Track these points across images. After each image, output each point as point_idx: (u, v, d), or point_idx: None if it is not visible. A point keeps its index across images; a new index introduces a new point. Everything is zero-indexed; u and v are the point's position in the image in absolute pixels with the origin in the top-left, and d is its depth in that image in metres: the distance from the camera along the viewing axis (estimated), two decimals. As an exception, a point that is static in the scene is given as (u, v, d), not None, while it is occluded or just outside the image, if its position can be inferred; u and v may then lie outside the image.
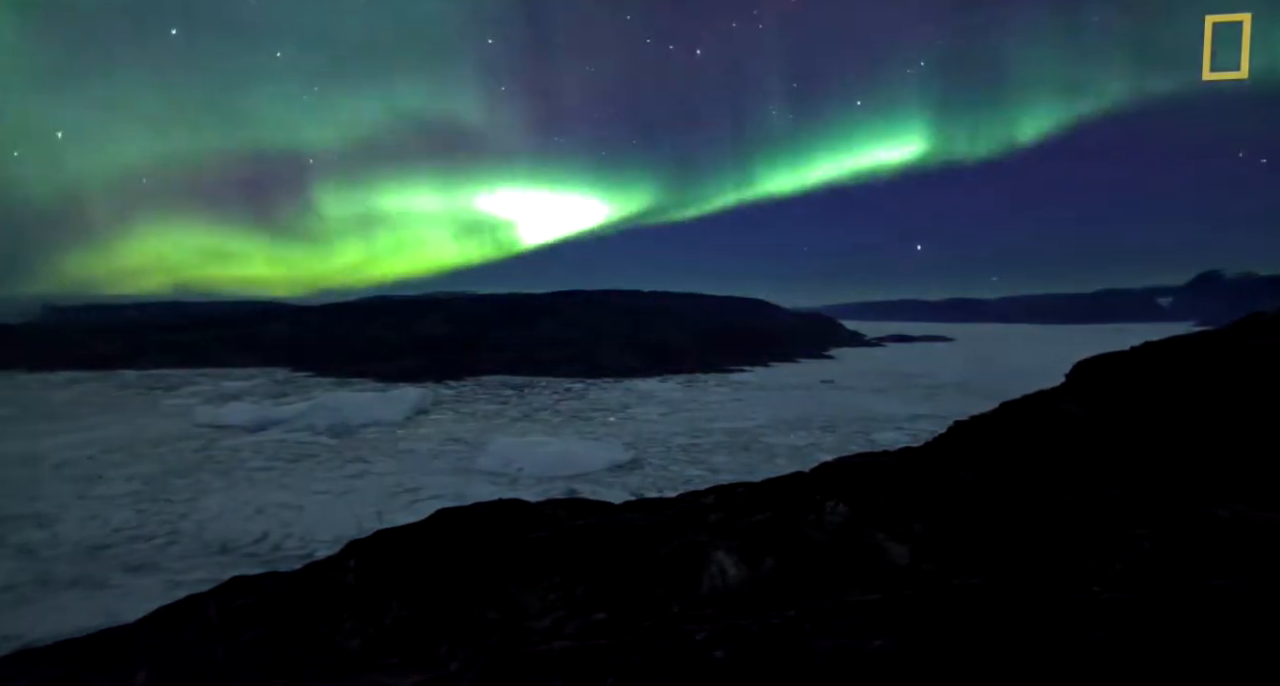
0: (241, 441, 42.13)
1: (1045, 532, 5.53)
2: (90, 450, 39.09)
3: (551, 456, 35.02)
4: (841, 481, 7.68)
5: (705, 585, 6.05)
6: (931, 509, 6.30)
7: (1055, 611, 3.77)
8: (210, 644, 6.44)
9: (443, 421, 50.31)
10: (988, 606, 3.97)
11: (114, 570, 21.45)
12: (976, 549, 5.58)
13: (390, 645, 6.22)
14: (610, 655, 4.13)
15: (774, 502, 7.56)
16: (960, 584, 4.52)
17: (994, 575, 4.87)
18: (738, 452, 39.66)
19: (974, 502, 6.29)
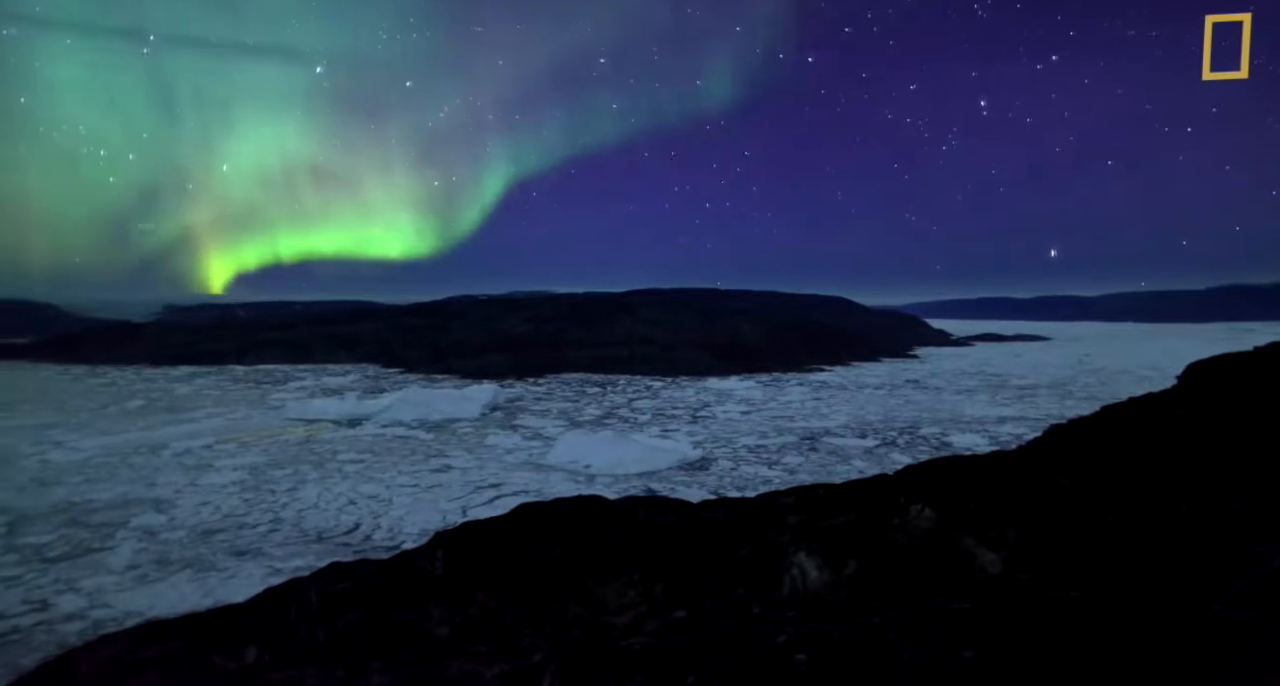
0: (334, 435, 44.29)
1: (1155, 545, 5.18)
2: (205, 440, 42.00)
3: (621, 454, 35.22)
4: (927, 485, 7.42)
5: (786, 587, 5.97)
6: (1026, 516, 6.00)
7: (1168, 630, 3.53)
8: (312, 625, 6.81)
9: (522, 418, 51.43)
10: (1090, 621, 3.75)
11: (222, 554, 22.92)
12: (1077, 560, 5.28)
13: (477, 633, 6.41)
14: (690, 653, 4.13)
15: (856, 505, 7.38)
16: (1060, 596, 4.28)
17: (1097, 588, 4.59)
18: (815, 453, 38.86)
19: (1074, 510, 5.96)
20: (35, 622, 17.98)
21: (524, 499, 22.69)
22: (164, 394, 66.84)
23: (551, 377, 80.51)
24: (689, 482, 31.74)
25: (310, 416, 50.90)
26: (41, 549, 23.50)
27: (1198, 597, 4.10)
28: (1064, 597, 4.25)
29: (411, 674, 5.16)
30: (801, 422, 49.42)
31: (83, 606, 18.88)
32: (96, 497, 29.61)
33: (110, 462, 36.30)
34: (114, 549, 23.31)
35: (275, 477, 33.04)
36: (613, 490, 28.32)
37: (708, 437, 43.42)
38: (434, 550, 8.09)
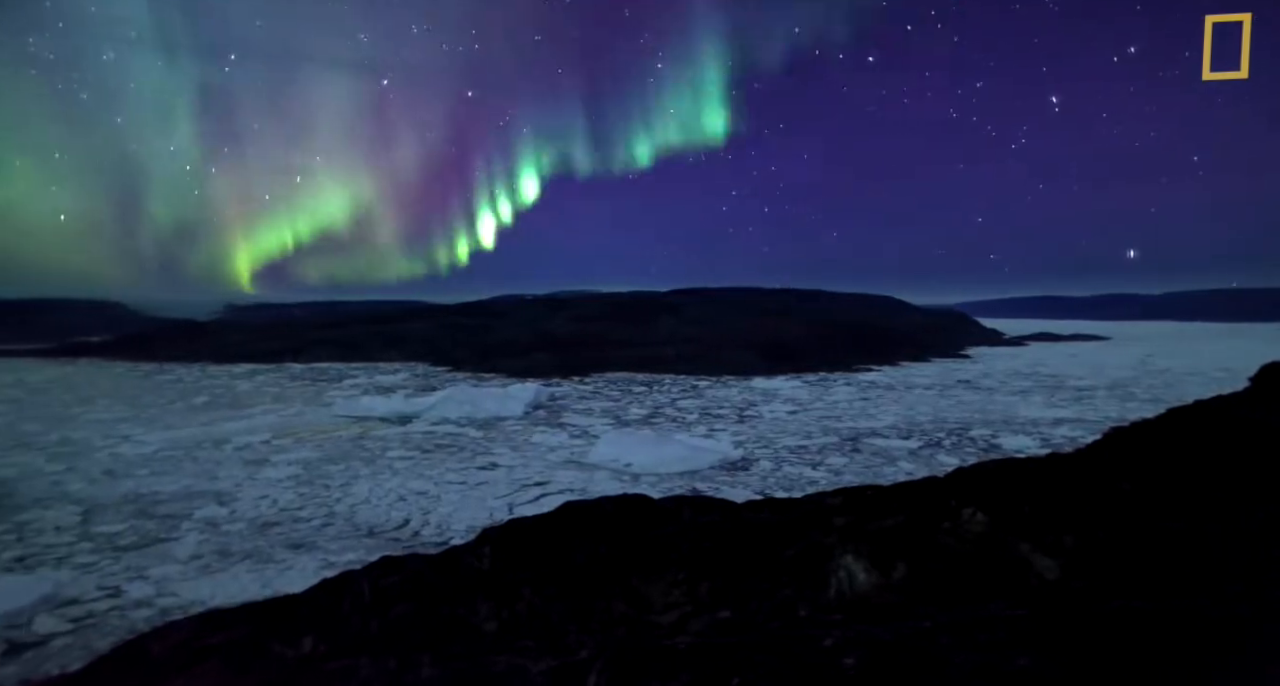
0: (385, 432, 45.34)
1: (1226, 555, 4.96)
2: (263, 435, 43.52)
3: (662, 453, 35.17)
4: (979, 488, 7.24)
5: (833, 589, 5.89)
6: (1085, 521, 5.80)
7: (1239, 644, 3.37)
8: (364, 617, 7.00)
9: (566, 417, 51.83)
10: (1154, 632, 3.61)
11: (279, 546, 23.69)
12: (1139, 568, 5.08)
13: (523, 629, 6.50)
14: (736, 654, 4.11)
15: (905, 507, 7.24)
16: (1122, 605, 4.13)
17: (1161, 598, 4.42)
18: (859, 454, 38.21)
19: (1136, 517, 5.74)
20: (109, 608, 18.88)
21: (569, 497, 22.91)
22: (226, 390, 69.42)
23: (596, 377, 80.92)
24: (732, 483, 31.56)
25: (359, 413, 52.25)
26: (113, 538, 24.66)
27: (1273, 609, 3.91)
28: (1126, 607, 4.10)
29: (460, 668, 5.26)
30: (849, 423, 48.64)
31: (150, 594, 19.75)
32: (163, 490, 30.93)
33: (175, 456, 37.87)
34: (179, 539, 24.31)
35: (329, 473, 34.01)
36: (657, 490, 28.36)
37: (750, 437, 43.09)
38: (481, 546, 8.23)
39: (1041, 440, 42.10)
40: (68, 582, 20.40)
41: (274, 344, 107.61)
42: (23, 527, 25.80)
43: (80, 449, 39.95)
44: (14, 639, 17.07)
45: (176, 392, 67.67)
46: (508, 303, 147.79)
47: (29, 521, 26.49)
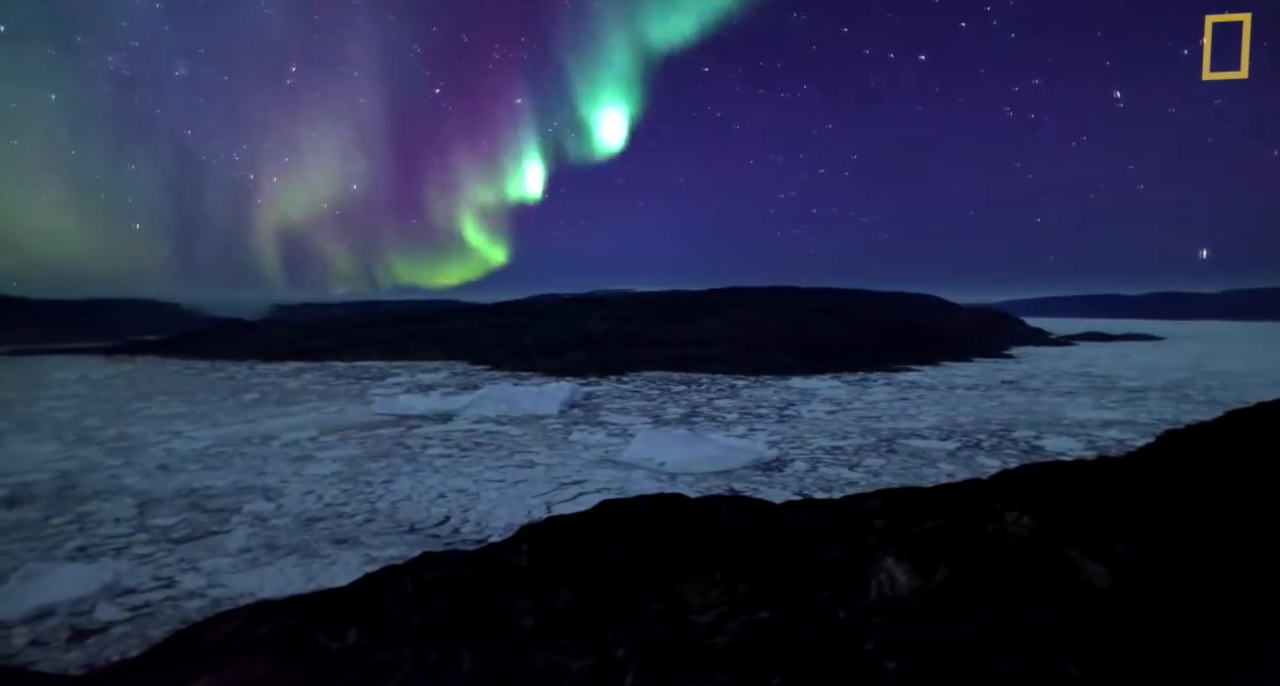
0: (425, 430, 46.08)
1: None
2: (309, 432, 44.65)
3: (696, 452, 35.02)
4: (1024, 491, 7.07)
5: (873, 592, 5.81)
6: (1138, 527, 5.63)
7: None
8: (406, 611, 7.14)
9: (602, 415, 52.02)
10: (1211, 643, 3.49)
11: (324, 541, 24.25)
12: (1195, 576, 4.91)
13: (561, 626, 6.56)
14: (774, 655, 4.10)
15: (946, 510, 7.11)
16: (1177, 615, 4.00)
17: (1218, 608, 4.26)
18: (898, 455, 37.55)
19: (1192, 523, 5.54)
20: (163, 598, 19.58)
21: (606, 496, 22.99)
22: (275, 388, 71.35)
23: (633, 376, 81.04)
24: (769, 483, 31.33)
25: (398, 411, 53.22)
26: (168, 530, 25.55)
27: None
28: (1182, 616, 3.97)
29: (499, 664, 5.34)
30: (889, 423, 47.85)
31: (203, 585, 20.42)
32: (214, 484, 31.94)
33: (225, 452, 39.06)
34: (229, 533, 25.07)
35: (371, 470, 34.70)
36: (694, 489, 28.30)
37: (786, 437, 42.70)
38: (520, 543, 8.32)
39: (1087, 442, 40.86)
40: (126, 572, 21.20)
41: (318, 342, 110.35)
42: (84, 518, 26.90)
43: (136, 444, 41.48)
44: (78, 625, 17.81)
45: (228, 390, 69.80)
46: (544, 302, 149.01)
47: (90, 513, 27.62)
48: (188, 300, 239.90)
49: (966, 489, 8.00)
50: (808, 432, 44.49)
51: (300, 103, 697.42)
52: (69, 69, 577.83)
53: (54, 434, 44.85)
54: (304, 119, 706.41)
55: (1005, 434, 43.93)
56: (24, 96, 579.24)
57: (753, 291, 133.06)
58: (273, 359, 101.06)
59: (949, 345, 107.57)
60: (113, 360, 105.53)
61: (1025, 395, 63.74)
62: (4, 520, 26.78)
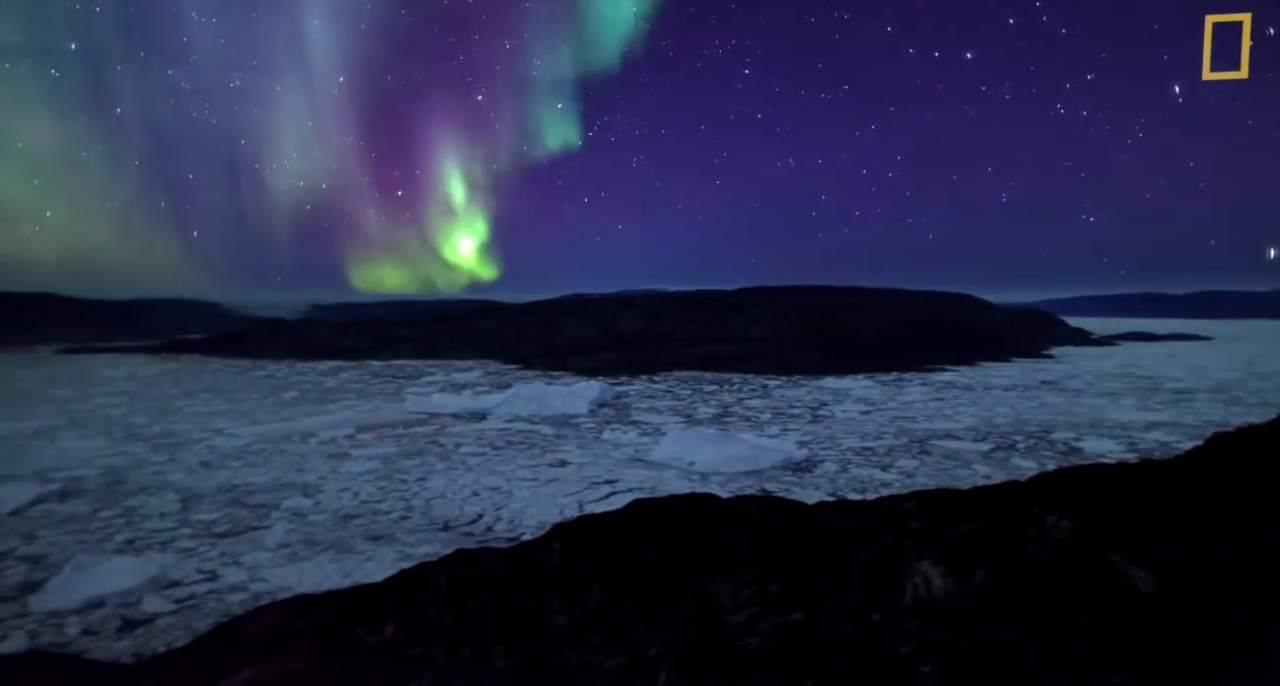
0: (459, 429, 46.62)
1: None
2: (345, 430, 45.51)
3: (725, 452, 34.84)
4: (1064, 493, 6.91)
5: (908, 594, 5.73)
6: (1186, 532, 5.46)
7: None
8: (441, 607, 7.24)
9: (633, 415, 52.07)
10: (1262, 653, 3.37)
11: (359, 538, 24.68)
12: (1245, 582, 4.75)
13: (593, 625, 6.58)
14: (808, 656, 4.06)
15: (984, 513, 6.98)
16: (1228, 623, 3.87)
17: (1271, 617, 4.11)
18: (931, 456, 36.93)
19: (1243, 528, 5.36)
20: (207, 591, 20.12)
21: (638, 495, 23.01)
22: (314, 386, 72.84)
23: (664, 375, 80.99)
24: (801, 484, 31.07)
25: (430, 410, 53.94)
26: (210, 525, 26.24)
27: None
28: (1233, 624, 3.84)
29: (532, 661, 5.38)
30: (924, 424, 47.09)
31: (244, 579, 20.93)
32: (254, 481, 32.71)
33: (265, 449, 39.98)
34: (269, 528, 25.65)
35: (406, 468, 35.22)
36: (726, 490, 28.20)
37: (818, 437, 42.29)
38: (552, 541, 8.37)
39: (1128, 444, 39.76)
40: (171, 565, 21.83)
41: (355, 342, 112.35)
42: (131, 513, 27.76)
43: (181, 441, 42.68)
44: (127, 616, 18.40)
45: (268, 388, 71.42)
46: (575, 302, 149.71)
47: (136, 507, 28.49)
48: (229, 300, 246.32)
49: (1004, 491, 7.84)
50: (840, 433, 44.02)
51: (349, 111, 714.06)
52: (134, 84, 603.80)
53: (103, 430, 46.36)
54: (353, 127, 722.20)
55: (1044, 435, 42.95)
56: (92, 111, 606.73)
57: (784, 291, 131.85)
58: (310, 357, 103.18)
59: (987, 345, 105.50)
60: (159, 358, 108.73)
61: (1065, 396, 62.23)
62: (56, 513, 27.77)
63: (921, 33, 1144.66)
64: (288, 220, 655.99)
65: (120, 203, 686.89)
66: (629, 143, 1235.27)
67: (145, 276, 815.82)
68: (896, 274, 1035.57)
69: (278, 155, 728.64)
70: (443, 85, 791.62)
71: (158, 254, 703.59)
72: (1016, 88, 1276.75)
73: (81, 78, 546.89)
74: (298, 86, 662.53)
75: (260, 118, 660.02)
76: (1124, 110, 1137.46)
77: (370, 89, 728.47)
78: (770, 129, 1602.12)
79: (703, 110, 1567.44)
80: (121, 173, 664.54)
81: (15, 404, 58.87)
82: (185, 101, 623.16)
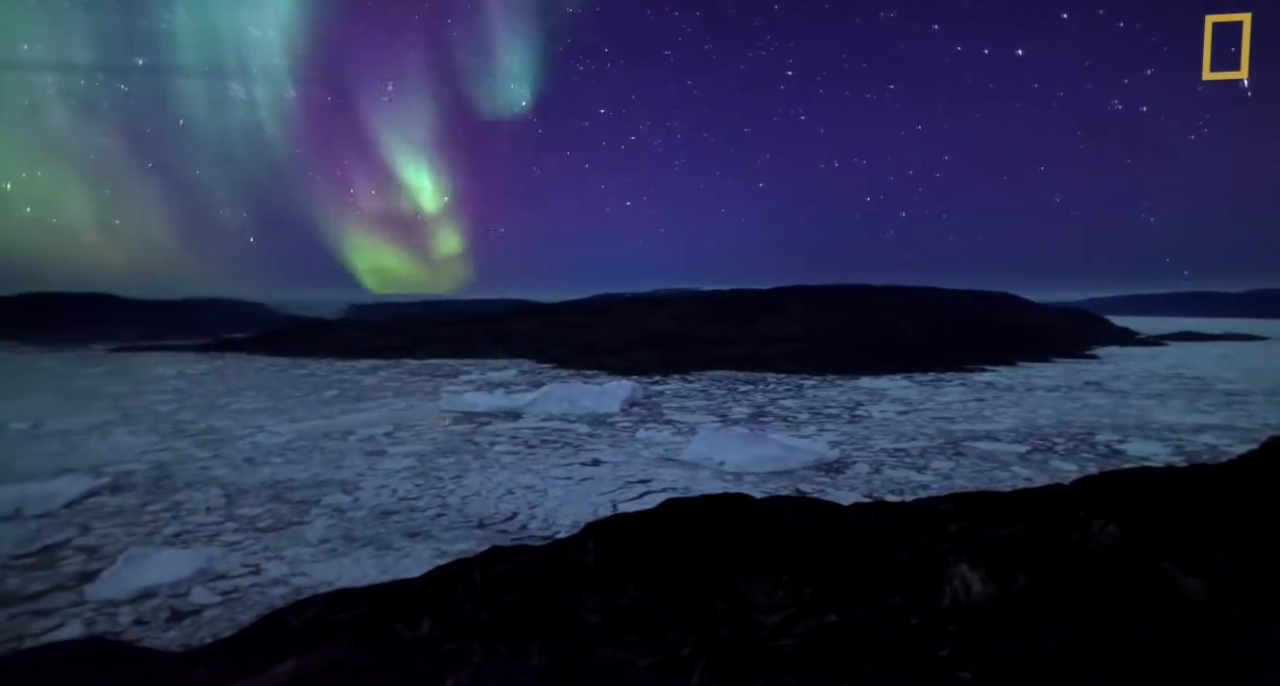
0: (493, 427, 47.10)
1: None
2: (383, 428, 46.32)
3: (756, 452, 34.57)
4: (1109, 497, 6.73)
5: (946, 598, 5.64)
6: (1238, 538, 5.27)
7: None
8: (476, 603, 7.33)
9: (664, 414, 52.02)
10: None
11: (397, 534, 25.09)
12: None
13: (626, 623, 6.61)
14: (844, 659, 4.03)
15: (1025, 516, 6.83)
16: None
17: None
18: (967, 458, 36.19)
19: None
20: (250, 584, 20.66)
21: (671, 495, 23.00)
22: (353, 385, 74.28)
23: (698, 375, 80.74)
24: (835, 484, 30.72)
25: (462, 408, 54.58)
26: (254, 520, 26.94)
27: None
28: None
29: (567, 658, 5.42)
30: (964, 425, 46.19)
31: (285, 573, 21.45)
32: (295, 477, 33.49)
33: (305, 446, 40.88)
34: (309, 524, 26.24)
35: (441, 465, 35.70)
36: (759, 490, 28.03)
37: (853, 438, 41.77)
38: (586, 540, 8.41)
39: (1175, 447, 38.47)
40: (217, 558, 22.48)
41: (392, 341, 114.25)
42: (179, 507, 28.64)
43: (225, 437, 43.88)
44: (176, 607, 19.00)
45: (309, 386, 73.01)
46: (608, 301, 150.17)
47: (183, 501, 29.38)
48: (271, 300, 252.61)
49: (1046, 494, 7.67)
50: (877, 433, 43.42)
51: (397, 120, 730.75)
52: (197, 96, 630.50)
53: (153, 426, 47.90)
54: (400, 134, 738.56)
55: (1087, 437, 41.82)
56: (158, 122, 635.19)
57: (819, 289, 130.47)
58: (349, 356, 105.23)
59: (1028, 345, 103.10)
60: (206, 357, 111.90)
61: (1111, 397, 60.48)
62: (108, 505, 28.80)
63: (970, 30, 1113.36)
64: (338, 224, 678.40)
65: (183, 210, 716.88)
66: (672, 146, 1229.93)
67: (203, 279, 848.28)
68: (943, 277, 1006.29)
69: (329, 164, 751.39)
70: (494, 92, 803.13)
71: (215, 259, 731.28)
72: (1071, 84, 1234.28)
73: (148, 92, 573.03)
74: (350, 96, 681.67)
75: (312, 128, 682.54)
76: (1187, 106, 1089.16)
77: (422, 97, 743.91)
78: (813, 130, 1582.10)
79: (746, 112, 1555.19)
80: (184, 182, 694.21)
81: (73, 400, 61.16)
82: (243, 112, 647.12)
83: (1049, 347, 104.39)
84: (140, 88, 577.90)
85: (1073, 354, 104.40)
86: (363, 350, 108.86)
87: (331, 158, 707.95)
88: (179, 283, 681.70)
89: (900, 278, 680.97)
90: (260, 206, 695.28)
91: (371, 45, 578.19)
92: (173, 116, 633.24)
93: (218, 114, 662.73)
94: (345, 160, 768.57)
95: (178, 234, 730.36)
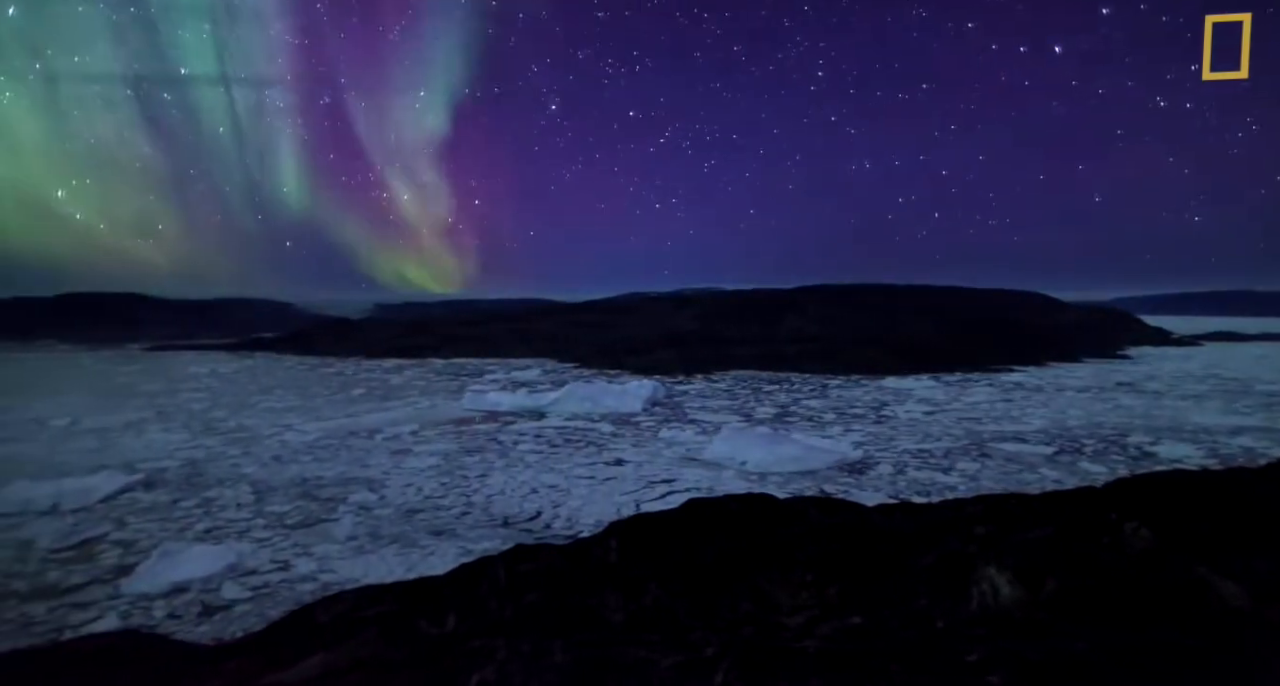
0: (517, 426, 47.38)
1: None
2: (409, 426, 46.85)
3: (777, 452, 34.34)
4: (1143, 500, 6.59)
5: (974, 601, 5.57)
6: (1278, 544, 5.14)
7: None
8: (500, 601, 7.39)
9: (686, 414, 51.93)
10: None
11: (422, 532, 25.34)
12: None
13: (650, 623, 6.61)
14: (869, 661, 3.99)
15: (1054, 518, 6.72)
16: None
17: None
18: (996, 459, 35.60)
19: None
20: (280, 580, 21.01)
21: (694, 495, 22.96)
22: (380, 383, 75.19)
23: (721, 374, 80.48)
24: (860, 485, 30.45)
25: (485, 407, 54.95)
26: (283, 517, 27.38)
27: None
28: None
29: (591, 657, 5.43)
30: (991, 426, 45.52)
31: (314, 569, 21.77)
32: (323, 475, 33.98)
33: (333, 444, 41.46)
34: (337, 521, 26.61)
35: (466, 464, 36.00)
36: (783, 490, 27.88)
37: (878, 438, 41.36)
38: (609, 539, 8.44)
39: (1209, 450, 37.52)
40: (248, 554, 22.89)
41: (417, 340, 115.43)
42: (210, 503, 29.21)
43: (254, 435, 44.66)
44: (207, 602, 19.39)
45: (337, 385, 74.04)
46: (631, 300, 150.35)
47: (214, 498, 29.96)
48: (300, 300, 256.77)
49: (1076, 496, 7.54)
50: (903, 434, 42.96)
51: (428, 125, 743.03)
52: (235, 103, 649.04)
53: (185, 424, 48.92)
54: (431, 139, 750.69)
55: (1118, 439, 40.99)
56: (198, 130, 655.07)
57: (844, 289, 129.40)
58: (375, 355, 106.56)
59: (1057, 344, 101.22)
60: (237, 356, 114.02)
61: (1143, 398, 59.19)
62: (141, 501, 29.47)
63: (1005, 27, 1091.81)
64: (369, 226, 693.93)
65: (222, 215, 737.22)
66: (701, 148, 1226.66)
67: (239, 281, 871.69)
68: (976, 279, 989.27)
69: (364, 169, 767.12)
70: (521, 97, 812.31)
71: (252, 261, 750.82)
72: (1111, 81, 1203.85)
73: (190, 100, 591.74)
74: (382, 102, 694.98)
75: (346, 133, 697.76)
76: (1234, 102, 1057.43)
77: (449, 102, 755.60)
78: (843, 130, 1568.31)
79: (775, 113, 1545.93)
80: (224, 188, 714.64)
81: (109, 398, 62.68)
82: (279, 119, 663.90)
83: (1080, 347, 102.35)
84: (182, 96, 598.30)
85: (1104, 354, 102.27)
86: (388, 349, 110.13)
87: (363, 162, 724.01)
88: (213, 284, 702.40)
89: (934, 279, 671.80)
90: (293, 211, 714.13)
91: (404, 53, 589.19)
92: (212, 124, 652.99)
93: (256, 121, 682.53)
94: (377, 164, 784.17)
95: (217, 238, 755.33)
